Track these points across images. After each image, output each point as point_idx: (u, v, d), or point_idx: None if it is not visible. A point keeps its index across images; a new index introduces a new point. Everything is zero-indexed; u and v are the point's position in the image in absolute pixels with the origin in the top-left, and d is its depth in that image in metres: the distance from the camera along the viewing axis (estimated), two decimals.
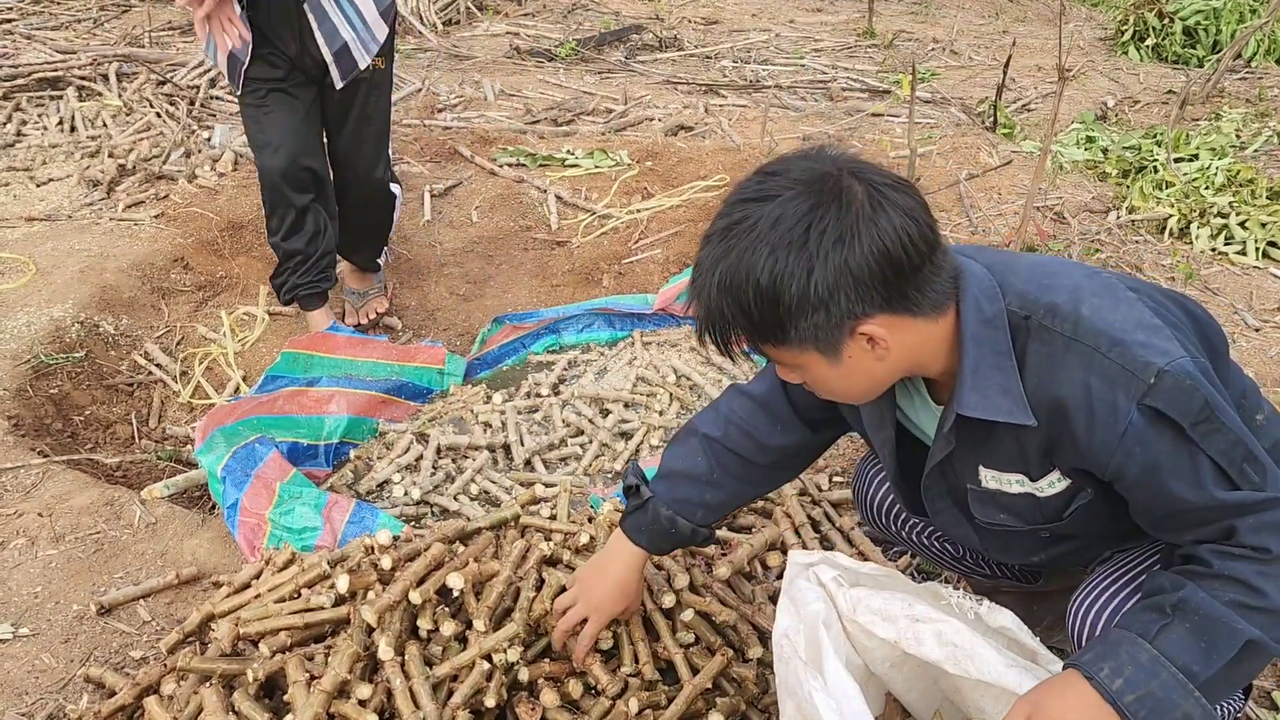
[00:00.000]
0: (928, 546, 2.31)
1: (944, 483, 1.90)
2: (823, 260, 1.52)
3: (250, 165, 5.50)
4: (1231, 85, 7.68)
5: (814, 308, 1.54)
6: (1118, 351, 1.57)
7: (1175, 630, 1.56)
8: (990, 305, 1.65)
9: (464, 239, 5.04)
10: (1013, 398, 1.64)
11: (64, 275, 4.39)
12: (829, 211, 1.53)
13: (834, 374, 1.66)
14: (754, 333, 1.61)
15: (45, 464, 3.38)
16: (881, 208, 1.54)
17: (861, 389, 1.73)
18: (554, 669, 2.36)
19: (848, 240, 1.52)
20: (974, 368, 1.65)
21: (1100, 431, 1.59)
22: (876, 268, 1.53)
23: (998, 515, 1.86)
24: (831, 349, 1.60)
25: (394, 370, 3.97)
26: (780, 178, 1.59)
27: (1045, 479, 1.76)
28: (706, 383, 3.98)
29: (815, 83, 7.98)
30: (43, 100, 6.29)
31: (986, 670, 1.74)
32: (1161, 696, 1.53)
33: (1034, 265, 1.76)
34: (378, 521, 3.07)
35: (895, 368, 1.68)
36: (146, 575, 2.96)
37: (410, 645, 2.30)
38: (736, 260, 1.56)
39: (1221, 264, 4.61)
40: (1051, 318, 1.64)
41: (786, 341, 1.60)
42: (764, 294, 1.55)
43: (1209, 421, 1.55)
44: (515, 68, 8.17)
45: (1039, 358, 1.64)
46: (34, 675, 2.63)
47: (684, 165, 5.44)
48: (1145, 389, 1.54)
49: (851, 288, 1.53)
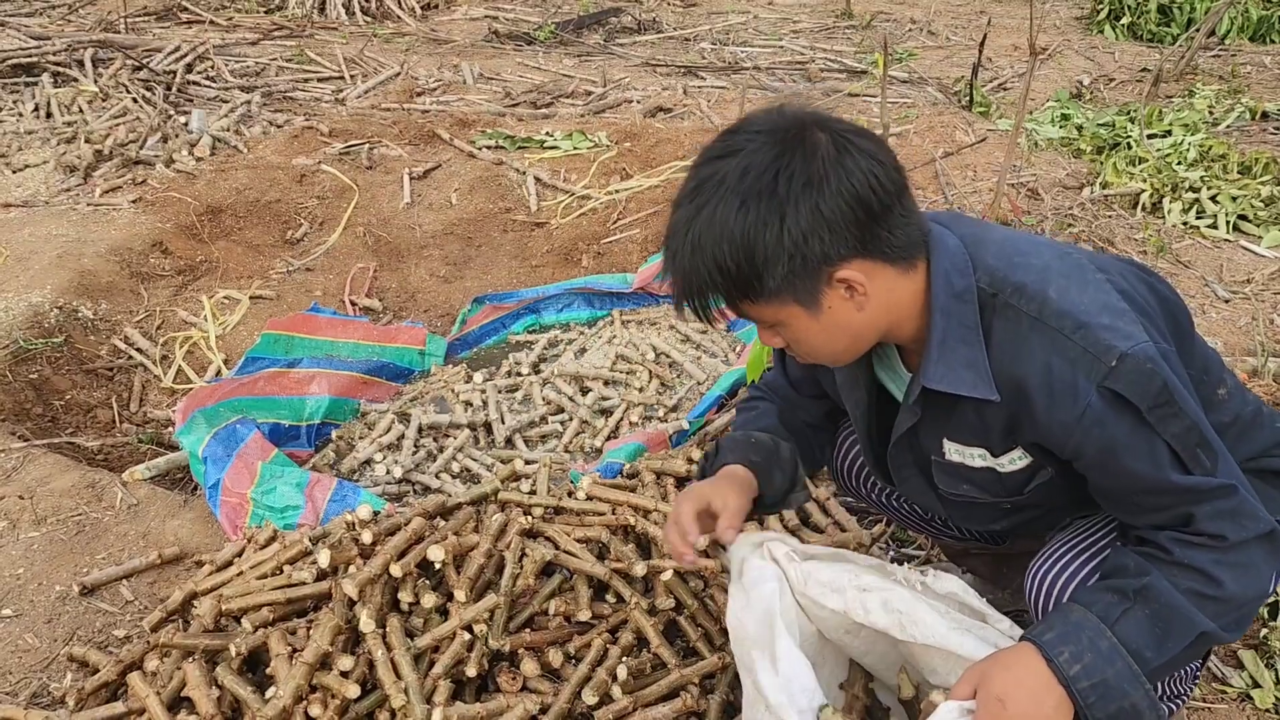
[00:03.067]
0: (898, 510, 2.34)
1: (910, 453, 1.93)
2: (794, 205, 1.52)
3: (228, 150, 5.51)
4: (1205, 62, 7.74)
5: (789, 255, 1.54)
6: (1081, 334, 1.58)
7: (1135, 616, 1.59)
8: (961, 279, 1.67)
9: (444, 221, 5.05)
10: (977, 372, 1.66)
11: (42, 261, 4.38)
12: (794, 158, 1.53)
13: (815, 327, 1.64)
14: (732, 290, 1.59)
15: (26, 448, 3.39)
16: (847, 151, 1.55)
17: (842, 344, 1.71)
18: (535, 639, 2.39)
19: (816, 183, 1.52)
20: (940, 340, 1.67)
21: (1059, 412, 1.61)
22: (847, 209, 1.53)
23: (960, 486, 1.89)
24: (811, 299, 1.59)
25: (375, 351, 3.99)
26: (743, 134, 1.59)
27: (1007, 455, 1.79)
28: (686, 360, 4.01)
29: (793, 64, 8.00)
30: (18, 86, 6.26)
31: (931, 634, 1.77)
32: (1114, 685, 1.56)
33: (1005, 241, 1.76)
34: (360, 499, 3.09)
35: (874, 322, 1.67)
36: (129, 556, 2.97)
37: (391, 617, 2.32)
38: (709, 217, 1.55)
39: (1193, 237, 4.66)
40: (1018, 297, 1.65)
41: (764, 295, 1.59)
42: (738, 246, 1.54)
43: (1167, 405, 1.57)
44: (494, 51, 8.16)
45: (1004, 335, 1.65)
46: (17, 655, 2.64)
47: (662, 146, 5.46)
48: (1106, 371, 1.56)
49: (825, 230, 1.53)
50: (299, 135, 5.60)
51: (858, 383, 1.92)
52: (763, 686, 1.78)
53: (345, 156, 5.43)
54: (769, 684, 1.77)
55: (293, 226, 4.98)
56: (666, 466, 2.94)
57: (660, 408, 3.81)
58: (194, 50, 6.92)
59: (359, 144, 5.54)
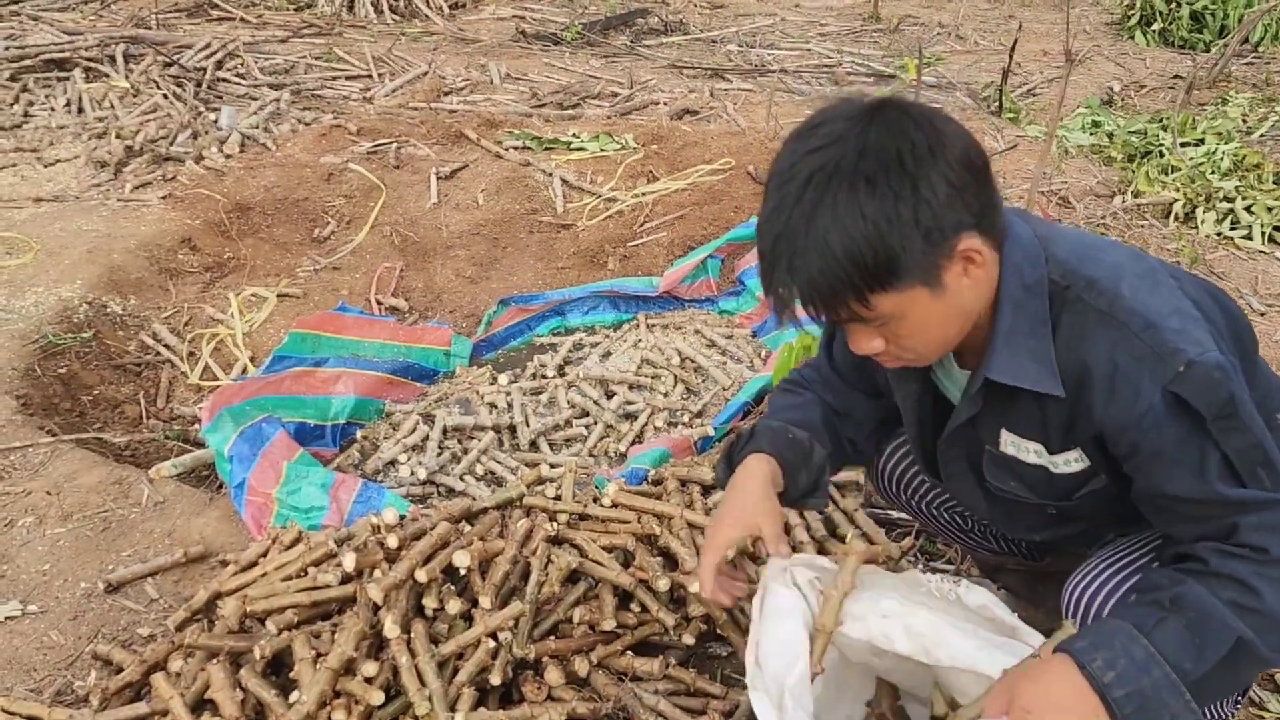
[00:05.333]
0: (936, 517, 2.31)
1: (963, 444, 1.89)
2: (926, 177, 1.47)
3: (257, 148, 5.52)
4: (1238, 70, 7.66)
5: (926, 230, 1.48)
6: (1150, 333, 1.55)
7: (1171, 625, 1.53)
8: (1032, 271, 1.64)
9: (470, 221, 5.05)
10: (1043, 365, 1.63)
11: (72, 256, 4.41)
12: (905, 132, 1.48)
13: (936, 310, 1.57)
14: (867, 281, 1.50)
15: (54, 443, 3.40)
16: (934, 124, 1.52)
17: (954, 329, 1.64)
18: (559, 647, 2.38)
19: (937, 152, 1.48)
20: (1008, 332, 1.64)
21: (1119, 409, 1.58)
22: (965, 173, 1.50)
23: (1009, 482, 1.86)
24: (935, 278, 1.53)
25: (400, 351, 3.99)
26: (831, 124, 1.52)
27: (1062, 455, 1.75)
28: (711, 365, 3.99)
29: (820, 67, 7.96)
30: (50, 81, 6.30)
31: (958, 656, 1.73)
32: (1151, 695, 1.49)
33: (1079, 238, 1.74)
34: (384, 501, 3.08)
35: (980, 300, 1.63)
36: (154, 553, 2.98)
37: (416, 623, 2.31)
38: (831, 210, 1.47)
39: (1227, 249, 4.61)
40: (1089, 290, 1.62)
41: (898, 280, 1.51)
42: (874, 231, 1.47)
43: (1231, 418, 1.53)
44: (521, 51, 8.16)
45: (1070, 328, 1.63)
46: (42, 652, 2.65)
47: (689, 149, 5.44)
48: (1173, 375, 1.53)
49: (957, 198, 1.49)
50: (327, 133, 5.61)
51: (910, 375, 1.89)
52: None
53: (373, 155, 5.44)
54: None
55: (320, 225, 4.99)
56: (692, 474, 2.92)
57: (685, 413, 3.79)
58: (224, 47, 6.95)
59: (386, 143, 5.55)
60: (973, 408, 1.77)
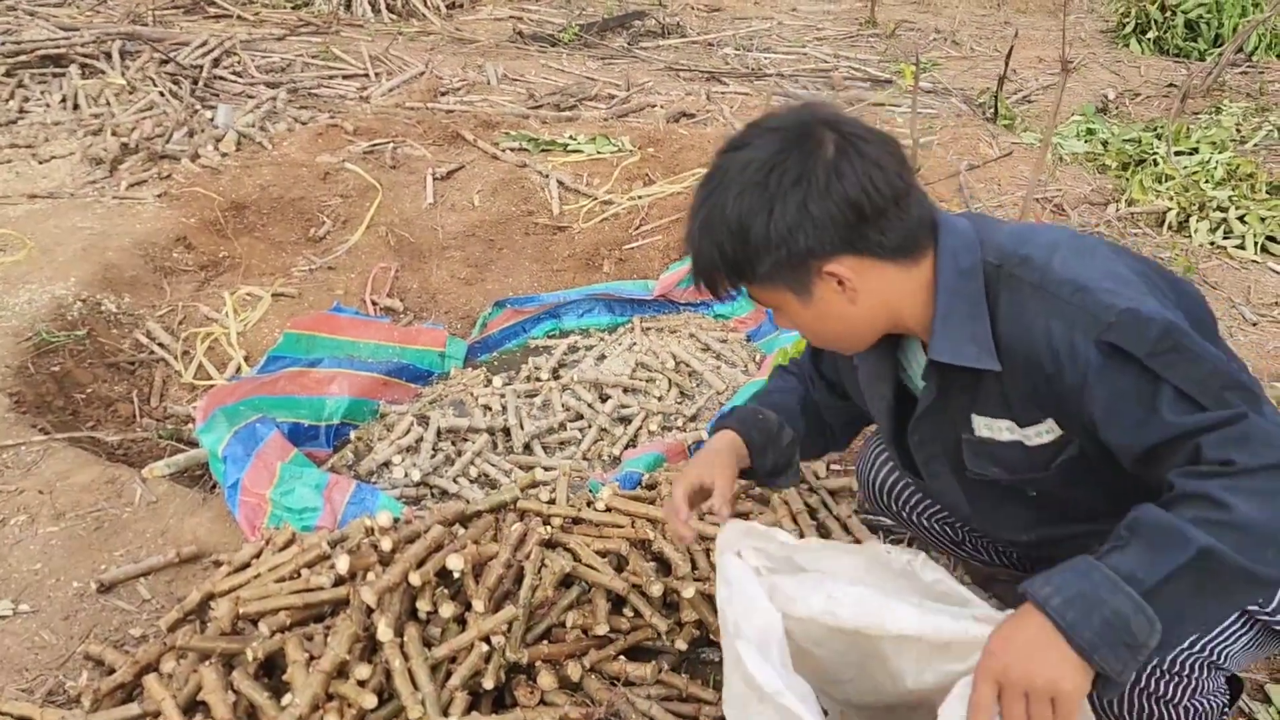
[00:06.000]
0: (928, 528, 2.33)
1: (938, 438, 1.92)
2: (781, 200, 1.61)
3: (253, 146, 5.52)
4: (1232, 79, 7.69)
5: (775, 245, 1.63)
6: (1079, 296, 1.59)
7: (1128, 549, 1.47)
8: (967, 257, 1.71)
9: (466, 223, 5.04)
10: (979, 344, 1.69)
11: (66, 253, 4.39)
12: (791, 155, 1.62)
13: (809, 315, 1.74)
14: (730, 271, 1.71)
15: (46, 441, 3.39)
16: (846, 155, 1.62)
17: (838, 332, 1.79)
18: (552, 652, 2.39)
19: (807, 182, 1.61)
20: (945, 316, 1.70)
21: (1065, 374, 1.61)
22: (836, 210, 1.61)
23: (989, 467, 1.88)
24: (802, 288, 1.69)
25: (395, 352, 3.98)
26: (759, 127, 1.70)
27: (1034, 428, 1.77)
28: (706, 369, 4.00)
29: (817, 71, 7.97)
30: (45, 77, 6.28)
31: (904, 623, 1.75)
32: (1090, 595, 1.43)
33: (1021, 227, 1.81)
34: (378, 502, 3.08)
35: (871, 314, 1.74)
36: (147, 553, 2.97)
37: (409, 626, 2.31)
38: (713, 203, 1.68)
39: (1220, 258, 4.63)
40: (1022, 266, 1.68)
41: (758, 279, 1.69)
42: (733, 231, 1.66)
43: (1173, 351, 1.52)
44: (518, 52, 8.16)
45: (1008, 305, 1.68)
46: (34, 652, 2.64)
47: (686, 152, 5.45)
48: (1104, 327, 1.55)
49: (811, 227, 1.62)
50: (323, 133, 5.60)
51: (882, 377, 1.96)
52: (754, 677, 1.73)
53: (369, 155, 5.43)
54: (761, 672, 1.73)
55: (315, 224, 4.98)
56: None
57: (679, 417, 3.79)
58: (221, 45, 6.94)
59: (383, 143, 5.55)
60: (930, 394, 1.83)
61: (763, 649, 1.78)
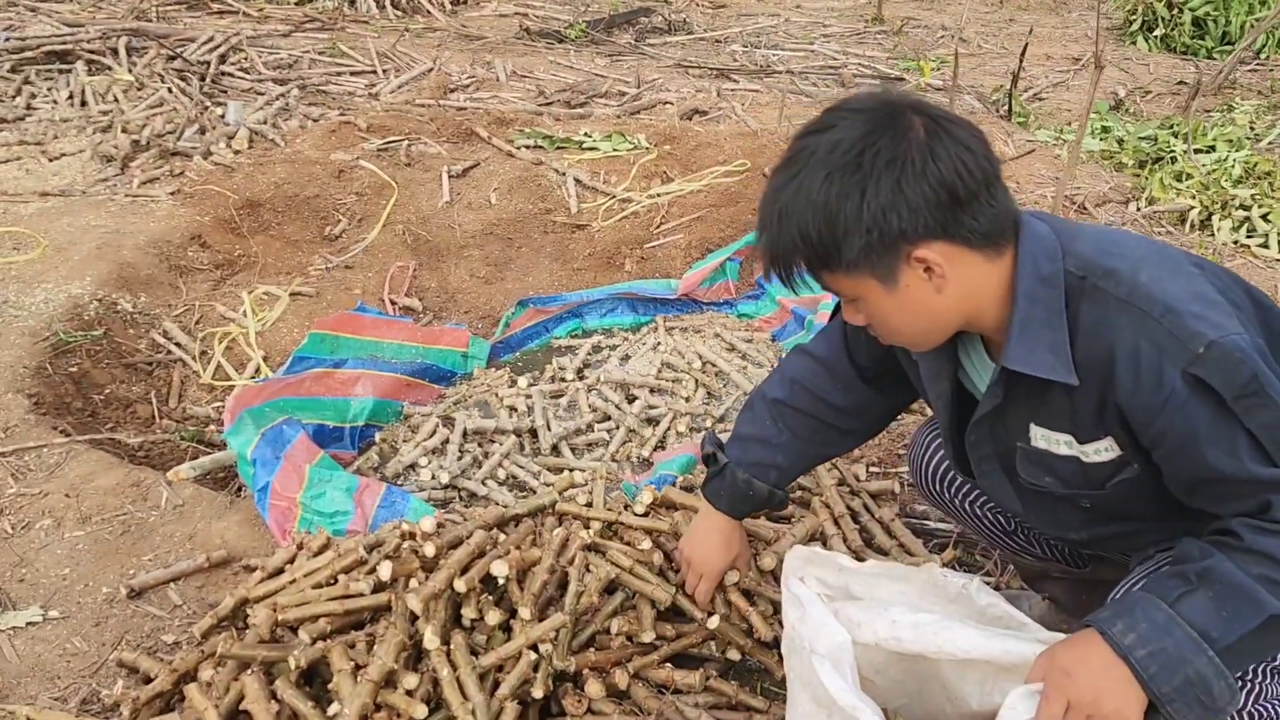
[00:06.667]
0: (980, 518, 2.30)
1: (992, 441, 1.90)
2: (875, 180, 1.56)
3: (265, 144, 5.46)
4: (1242, 76, 7.67)
5: (867, 228, 1.58)
6: (1170, 319, 1.56)
7: (1197, 597, 1.55)
8: (1048, 264, 1.67)
9: (483, 221, 4.99)
10: (1058, 355, 1.65)
11: (81, 252, 4.34)
12: (883, 136, 1.58)
13: (892, 304, 1.67)
14: (813, 258, 1.65)
15: (68, 443, 3.34)
16: (938, 136, 1.59)
17: (921, 326, 1.73)
18: (599, 660, 2.35)
19: (900, 163, 1.56)
20: (1023, 323, 1.66)
21: (1144, 395, 1.59)
22: (930, 192, 1.57)
23: (1043, 477, 1.86)
24: (888, 275, 1.63)
25: (419, 352, 3.94)
26: (840, 111, 1.65)
27: (1093, 445, 1.75)
28: (732, 369, 3.96)
29: (826, 68, 7.93)
30: (52, 74, 6.21)
31: (968, 646, 1.75)
32: (1174, 653, 1.52)
33: (1099, 232, 1.76)
34: (408, 505, 3.04)
35: (953, 306, 1.68)
36: (175, 558, 2.92)
37: (456, 634, 2.27)
38: (796, 186, 1.62)
39: (1244, 256, 4.60)
40: (1108, 280, 1.64)
41: (843, 265, 1.63)
42: (820, 215, 1.60)
43: (1255, 396, 1.53)
44: (526, 49, 8.11)
45: (1091, 318, 1.64)
46: (65, 659, 2.60)
47: (702, 150, 5.40)
48: (1192, 358, 1.53)
49: (905, 208, 1.57)
50: (336, 130, 5.54)
51: (941, 375, 1.92)
52: (831, 693, 1.74)
53: (383, 153, 5.38)
54: (838, 689, 1.74)
55: (331, 223, 4.93)
56: None
57: (707, 417, 3.75)
58: (227, 41, 6.87)
59: (397, 140, 5.49)
60: (994, 398, 1.79)
61: (837, 667, 1.76)
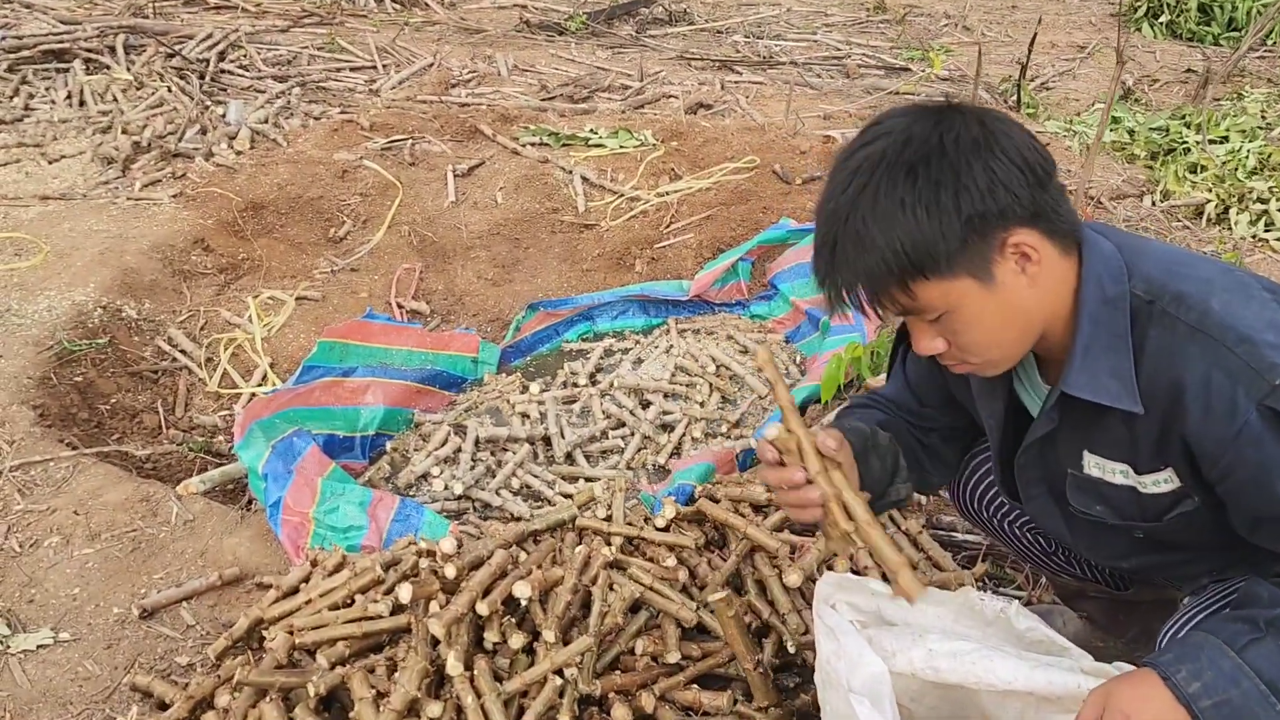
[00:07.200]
0: (1019, 538, 2.23)
1: (1042, 466, 1.83)
2: (966, 165, 1.48)
3: (268, 144, 5.39)
4: (1251, 64, 7.59)
5: (966, 215, 1.48)
6: (1245, 348, 1.50)
7: (1266, 645, 1.47)
8: (1113, 285, 1.59)
9: (489, 221, 4.92)
10: (1122, 382, 1.58)
11: (83, 257, 4.27)
12: (955, 124, 1.51)
13: (990, 306, 1.55)
14: (907, 268, 1.50)
15: (75, 456, 3.28)
16: (999, 123, 1.54)
17: (1012, 333, 1.60)
18: (625, 682, 2.29)
19: (984, 144, 1.49)
20: (1086, 347, 1.59)
21: (1215, 427, 1.52)
22: (1017, 171, 1.49)
23: (1094, 506, 1.80)
24: (984, 269, 1.52)
25: (428, 359, 3.87)
26: (890, 118, 1.56)
27: (1152, 475, 1.68)
28: (746, 372, 3.90)
29: (830, 59, 7.85)
30: (49, 73, 6.12)
31: (1011, 677, 1.69)
32: (1239, 705, 1.44)
33: (1165, 251, 1.68)
34: (423, 519, 2.99)
35: (1043, 303, 1.59)
36: (187, 576, 2.87)
37: (479, 659, 2.22)
38: (872, 197, 1.49)
39: (1263, 251, 4.54)
40: (1177, 305, 1.56)
41: (940, 269, 1.50)
42: (910, 216, 1.48)
43: None
44: (526, 42, 8.02)
45: (1159, 344, 1.57)
46: (77, 683, 2.54)
47: (710, 145, 5.33)
48: (1268, 389, 1.47)
49: (1000, 189, 1.48)
50: (339, 129, 5.47)
51: (995, 394, 1.84)
52: None
53: (387, 152, 5.31)
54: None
55: (335, 224, 4.86)
56: (745, 492, 2.82)
57: (723, 422, 3.69)
58: (226, 38, 6.78)
59: (401, 139, 5.42)
60: (1049, 423, 1.72)
61: (875, 703, 1.71)
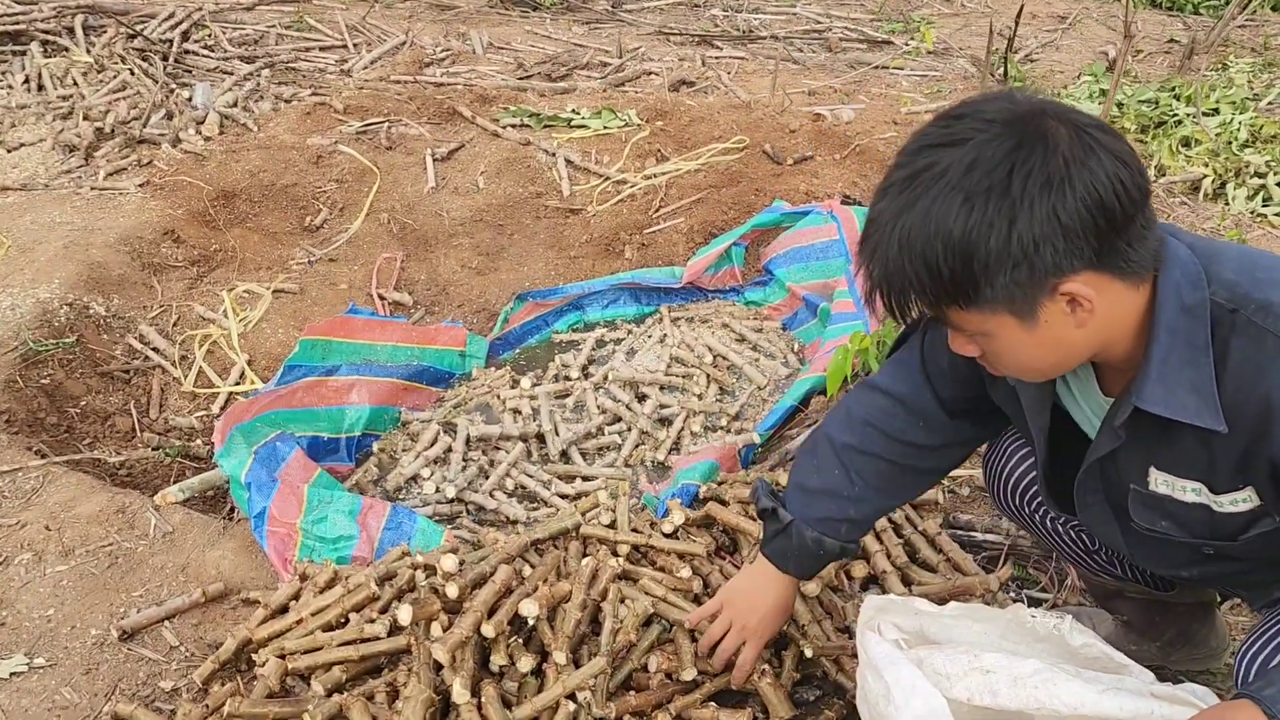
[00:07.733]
0: (1059, 536, 2.11)
1: (1101, 479, 1.73)
2: (1028, 208, 1.35)
3: (237, 129, 5.19)
4: (1233, 34, 7.51)
5: (1015, 263, 1.37)
6: None
7: None
8: (1193, 293, 1.48)
9: (472, 207, 4.75)
10: (1202, 397, 1.47)
11: (47, 252, 4.07)
12: (1034, 153, 1.36)
13: (1027, 340, 1.47)
14: (940, 293, 1.43)
15: (45, 465, 3.12)
16: (1091, 150, 1.37)
17: (1050, 361, 1.53)
18: (639, 703, 2.17)
19: (1056, 184, 1.35)
20: (1163, 359, 1.48)
21: None
22: (1088, 216, 1.36)
23: (1159, 522, 1.69)
24: (1028, 310, 1.43)
25: (414, 354, 3.72)
26: (970, 119, 1.41)
27: (1229, 495, 1.58)
28: (744, 362, 3.77)
29: (810, 33, 7.70)
30: (5, 56, 5.87)
31: (1077, 702, 1.61)
32: None
33: (1245, 255, 1.56)
34: (416, 527, 2.85)
35: (1090, 340, 1.49)
36: (168, 592, 2.72)
37: (486, 685, 2.09)
38: (924, 212, 1.40)
39: (1262, 226, 4.45)
40: (1265, 314, 1.45)
41: (977, 303, 1.42)
42: (957, 248, 1.38)
43: None
44: (500, 17, 7.82)
45: (1245, 356, 1.46)
46: (55, 713, 2.39)
47: (696, 125, 5.17)
48: None
49: (1060, 239, 1.36)
50: (311, 112, 5.27)
51: (1043, 406, 1.73)
52: None
53: (362, 135, 5.12)
54: None
55: (311, 212, 4.68)
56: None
57: (722, 415, 3.57)
58: (189, 16, 6.54)
59: (377, 122, 5.22)
60: (1114, 440, 1.59)
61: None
